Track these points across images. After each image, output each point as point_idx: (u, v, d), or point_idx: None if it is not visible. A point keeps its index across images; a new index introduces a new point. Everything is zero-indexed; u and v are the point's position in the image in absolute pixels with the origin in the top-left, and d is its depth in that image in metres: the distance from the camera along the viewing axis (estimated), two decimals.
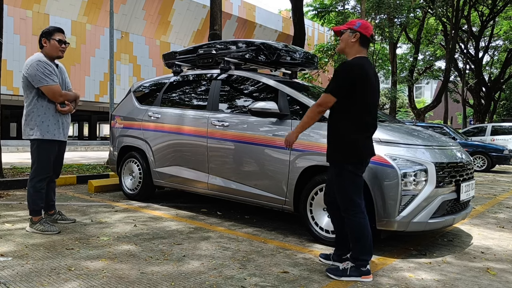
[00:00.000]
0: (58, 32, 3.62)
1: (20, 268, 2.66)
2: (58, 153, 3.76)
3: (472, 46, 24.73)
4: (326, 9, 20.56)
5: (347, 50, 2.76)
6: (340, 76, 2.65)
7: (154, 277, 2.57)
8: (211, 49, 4.78)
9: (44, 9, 19.64)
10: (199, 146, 4.43)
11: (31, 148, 3.60)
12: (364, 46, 2.75)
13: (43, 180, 3.61)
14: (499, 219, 4.82)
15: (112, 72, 9.41)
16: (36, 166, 3.58)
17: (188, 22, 24.82)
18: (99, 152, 18.11)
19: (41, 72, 3.45)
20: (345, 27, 2.77)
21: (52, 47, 3.58)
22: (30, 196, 3.58)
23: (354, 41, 2.72)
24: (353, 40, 2.71)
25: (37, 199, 3.59)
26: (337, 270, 2.72)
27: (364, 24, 2.72)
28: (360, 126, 2.68)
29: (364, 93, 2.66)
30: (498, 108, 29.35)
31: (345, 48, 2.77)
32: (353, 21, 2.76)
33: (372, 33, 2.77)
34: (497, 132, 14.67)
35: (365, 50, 2.76)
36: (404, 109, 41.35)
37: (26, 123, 3.56)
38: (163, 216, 4.39)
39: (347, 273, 2.66)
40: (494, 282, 2.70)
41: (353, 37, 2.71)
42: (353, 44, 2.72)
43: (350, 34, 2.72)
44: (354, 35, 2.71)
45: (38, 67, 3.46)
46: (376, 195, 3.15)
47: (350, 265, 2.69)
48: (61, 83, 3.67)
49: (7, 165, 7.13)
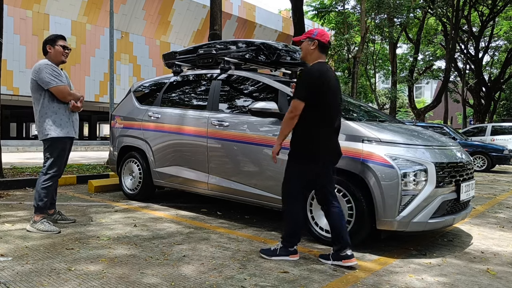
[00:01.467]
0: (61, 39, 3.82)
1: (20, 268, 2.66)
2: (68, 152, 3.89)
3: (472, 46, 24.73)
4: (326, 9, 20.56)
5: (308, 57, 3.00)
6: (303, 82, 2.86)
7: (154, 277, 2.57)
8: (211, 49, 4.78)
9: (44, 9, 19.64)
10: (199, 146, 4.43)
11: (46, 147, 3.73)
12: (322, 52, 2.99)
13: (55, 177, 3.75)
14: (499, 219, 4.82)
15: (112, 72, 9.41)
16: (51, 164, 3.72)
17: (188, 22, 24.82)
18: (99, 152, 18.11)
19: (49, 74, 3.62)
20: (304, 37, 3.00)
21: (57, 52, 3.75)
22: (39, 193, 3.67)
23: (313, 49, 2.96)
24: (313, 48, 2.96)
25: (45, 196, 3.68)
26: (268, 250, 3.04)
27: (320, 32, 2.96)
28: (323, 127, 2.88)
29: (326, 96, 2.86)
30: (498, 108, 29.34)
31: (306, 55, 3.01)
32: (311, 30, 3.01)
33: (330, 40, 3.01)
34: (497, 132, 14.67)
35: (324, 55, 3.00)
36: (404, 109, 41.34)
37: (41, 125, 3.69)
38: (163, 216, 4.39)
39: (277, 253, 2.99)
40: (494, 282, 2.70)
41: (312, 45, 2.96)
42: (313, 51, 2.97)
43: (309, 42, 2.96)
44: (312, 43, 2.95)
45: (46, 69, 3.64)
46: (376, 195, 3.15)
47: (280, 245, 3.01)
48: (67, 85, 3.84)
49: (7, 165, 7.13)
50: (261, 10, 28.17)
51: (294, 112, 2.87)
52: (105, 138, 36.39)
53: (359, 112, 4.40)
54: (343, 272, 2.78)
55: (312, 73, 2.87)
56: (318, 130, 2.88)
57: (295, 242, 3.04)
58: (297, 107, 2.85)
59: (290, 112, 2.88)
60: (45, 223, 3.59)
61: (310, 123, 2.88)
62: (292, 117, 2.88)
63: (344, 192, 3.31)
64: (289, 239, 3.02)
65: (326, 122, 2.90)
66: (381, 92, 35.93)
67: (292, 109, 2.87)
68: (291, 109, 2.87)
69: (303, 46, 3.00)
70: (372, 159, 3.19)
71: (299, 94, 2.85)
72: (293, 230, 3.03)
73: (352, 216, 3.26)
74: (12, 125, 31.39)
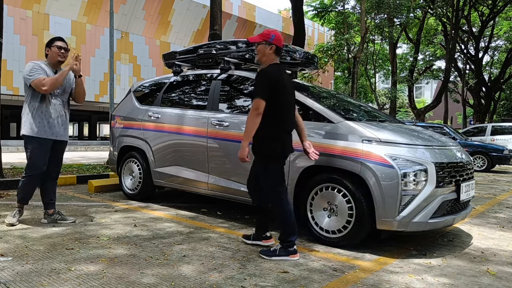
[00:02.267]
0: (58, 40, 3.86)
1: (20, 268, 2.66)
2: (53, 153, 3.87)
3: (472, 46, 24.73)
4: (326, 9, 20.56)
5: (264, 59, 3.14)
6: (262, 82, 3.01)
7: (154, 277, 2.57)
8: (211, 49, 4.77)
9: (44, 9, 19.64)
10: (199, 146, 4.43)
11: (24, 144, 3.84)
12: (277, 55, 3.17)
13: (30, 177, 3.80)
14: (499, 219, 4.82)
15: (112, 72, 9.41)
16: (27, 162, 3.81)
17: (188, 22, 24.81)
18: (99, 152, 18.11)
19: (28, 71, 3.68)
20: (260, 39, 3.12)
21: (52, 53, 3.81)
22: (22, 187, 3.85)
23: (270, 52, 3.11)
24: (270, 51, 3.11)
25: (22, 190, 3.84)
26: (269, 251, 3.07)
27: (277, 36, 3.12)
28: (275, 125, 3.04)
29: (279, 95, 3.03)
30: (498, 108, 29.35)
31: (262, 57, 3.14)
32: (267, 33, 3.12)
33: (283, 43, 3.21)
34: (497, 132, 14.67)
35: (278, 58, 3.18)
36: (404, 109, 41.35)
37: (22, 121, 3.81)
38: (163, 216, 4.39)
39: (276, 253, 3.02)
40: (494, 282, 2.70)
41: (269, 48, 3.10)
42: (270, 54, 3.12)
43: (267, 46, 3.10)
44: (270, 47, 3.10)
45: (29, 67, 3.71)
46: (376, 195, 3.15)
47: (279, 246, 3.06)
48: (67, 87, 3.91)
49: (7, 165, 7.13)
50: (261, 10, 28.16)
51: (258, 110, 2.97)
52: (105, 138, 36.38)
53: (359, 112, 4.39)
54: (343, 272, 2.78)
55: (270, 74, 3.04)
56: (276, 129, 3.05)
57: (293, 241, 3.06)
58: (260, 105, 2.97)
59: (255, 109, 2.97)
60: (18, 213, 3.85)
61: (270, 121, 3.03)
62: (257, 115, 2.98)
63: (344, 192, 3.30)
64: (287, 238, 3.06)
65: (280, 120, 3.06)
66: (381, 92, 35.94)
67: (256, 107, 2.97)
68: (255, 107, 2.97)
69: (260, 49, 3.13)
70: (372, 159, 3.19)
71: (260, 93, 2.98)
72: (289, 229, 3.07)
73: (352, 216, 3.26)
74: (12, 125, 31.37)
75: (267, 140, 3.05)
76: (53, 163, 3.91)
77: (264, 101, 2.97)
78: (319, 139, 3.50)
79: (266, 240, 3.35)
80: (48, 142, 3.79)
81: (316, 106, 3.70)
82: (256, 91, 3.01)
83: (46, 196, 3.96)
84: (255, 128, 3.01)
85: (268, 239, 3.36)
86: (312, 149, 3.30)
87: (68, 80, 3.92)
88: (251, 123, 3.00)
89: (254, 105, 2.99)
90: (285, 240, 3.05)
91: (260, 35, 3.15)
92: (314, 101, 3.78)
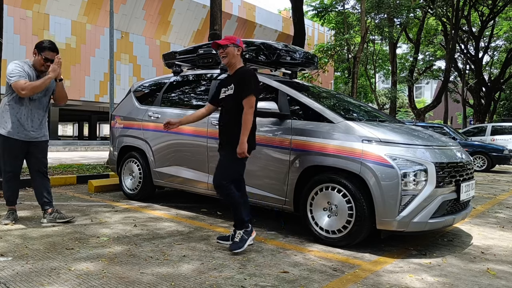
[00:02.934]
0: (48, 51, 3.73)
1: (20, 268, 2.66)
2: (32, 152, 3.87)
3: (472, 46, 24.73)
4: (326, 9, 20.57)
5: (233, 60, 3.31)
6: (251, 80, 3.19)
7: (154, 277, 2.57)
8: (211, 49, 4.77)
9: (44, 9, 19.63)
10: (199, 146, 4.43)
11: None
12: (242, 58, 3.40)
13: (6, 172, 3.84)
14: (499, 219, 4.82)
15: (112, 72, 9.41)
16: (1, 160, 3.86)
17: (188, 22, 24.81)
18: (99, 152, 18.10)
19: (10, 72, 3.65)
20: (228, 42, 3.27)
21: (38, 61, 3.75)
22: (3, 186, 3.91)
23: (238, 54, 3.30)
24: (238, 53, 3.30)
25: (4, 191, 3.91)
26: (235, 244, 3.16)
27: (241, 40, 3.34)
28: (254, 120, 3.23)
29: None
30: (498, 108, 29.34)
31: (231, 60, 3.30)
32: (233, 37, 3.31)
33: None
34: (497, 132, 14.67)
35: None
36: (404, 109, 41.36)
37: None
38: (163, 216, 4.39)
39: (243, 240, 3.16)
40: (494, 282, 2.70)
41: (237, 50, 3.29)
42: (238, 56, 3.31)
43: (235, 48, 3.28)
44: (238, 49, 3.29)
45: (10, 68, 3.68)
46: (376, 195, 3.15)
47: (241, 233, 3.20)
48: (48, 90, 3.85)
49: None
50: (261, 10, 28.15)
51: (253, 107, 3.16)
52: (105, 138, 36.36)
53: (359, 112, 4.40)
54: (343, 272, 2.78)
55: (253, 73, 3.27)
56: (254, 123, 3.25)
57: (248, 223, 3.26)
58: (254, 101, 3.16)
59: (251, 107, 3.14)
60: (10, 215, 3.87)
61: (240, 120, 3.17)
62: (252, 113, 3.16)
63: (344, 192, 3.30)
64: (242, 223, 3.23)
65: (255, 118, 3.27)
66: (381, 92, 35.94)
67: (251, 104, 3.14)
68: (251, 105, 3.14)
69: (230, 51, 3.27)
70: (372, 159, 3.19)
71: (254, 90, 3.16)
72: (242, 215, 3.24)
73: (352, 216, 3.26)
74: None
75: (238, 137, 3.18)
76: (34, 162, 3.90)
77: (255, 98, 3.17)
78: (319, 139, 3.49)
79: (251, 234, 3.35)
80: (20, 143, 3.76)
81: (316, 106, 3.70)
82: (248, 89, 3.15)
83: (38, 196, 3.96)
84: (250, 125, 3.17)
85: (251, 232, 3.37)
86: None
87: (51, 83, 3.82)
88: (248, 121, 3.14)
89: (250, 102, 3.13)
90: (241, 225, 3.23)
91: (225, 39, 3.31)
92: (314, 101, 3.78)
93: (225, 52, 3.28)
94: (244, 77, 3.21)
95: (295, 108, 3.83)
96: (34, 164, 3.92)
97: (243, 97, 3.15)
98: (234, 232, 3.28)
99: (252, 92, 3.15)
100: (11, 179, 3.87)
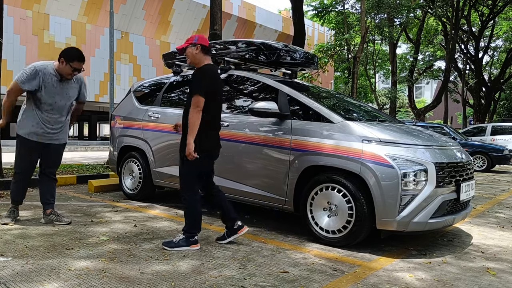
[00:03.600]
0: (78, 62, 3.68)
1: (20, 268, 2.66)
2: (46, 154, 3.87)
3: (472, 46, 24.73)
4: (326, 9, 20.57)
5: (195, 61, 3.25)
6: (199, 79, 3.14)
7: (154, 277, 2.57)
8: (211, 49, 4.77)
9: (44, 9, 19.63)
10: None
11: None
12: (207, 54, 3.27)
13: (17, 173, 3.86)
14: (499, 219, 4.83)
15: (112, 72, 9.41)
16: (15, 159, 3.87)
17: (188, 22, 24.81)
18: (99, 152, 18.10)
19: (22, 71, 3.66)
20: (186, 44, 3.25)
21: (66, 69, 3.67)
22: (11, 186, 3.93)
23: (197, 52, 3.21)
24: (197, 52, 3.21)
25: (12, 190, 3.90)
26: (171, 242, 3.17)
27: (201, 37, 3.26)
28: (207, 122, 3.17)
29: (214, 94, 3.19)
30: (498, 108, 29.34)
31: (193, 60, 3.25)
32: (191, 37, 3.27)
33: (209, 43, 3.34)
34: (497, 132, 14.67)
35: (209, 57, 3.29)
36: (404, 109, 41.36)
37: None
38: (163, 216, 4.39)
39: (179, 244, 3.14)
40: (494, 282, 2.70)
41: (195, 49, 3.21)
42: (197, 55, 3.22)
43: (193, 48, 3.22)
44: (196, 47, 3.21)
45: (26, 68, 3.64)
46: (376, 195, 3.15)
47: (181, 237, 3.18)
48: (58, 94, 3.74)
49: (7, 165, 7.12)
50: (261, 10, 28.15)
51: (199, 107, 3.08)
52: (105, 138, 36.37)
53: (359, 112, 4.40)
54: (343, 272, 2.78)
55: (206, 73, 3.18)
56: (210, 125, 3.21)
57: (196, 232, 3.24)
58: (200, 102, 3.08)
59: (196, 106, 3.07)
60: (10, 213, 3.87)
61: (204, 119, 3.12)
62: (198, 111, 3.08)
63: (344, 192, 3.30)
64: (190, 230, 3.22)
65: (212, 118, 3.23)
66: (381, 92, 35.94)
67: (196, 104, 3.07)
68: (196, 104, 3.07)
69: (188, 52, 3.24)
70: (372, 159, 3.19)
71: (199, 91, 3.09)
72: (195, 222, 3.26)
73: (352, 216, 3.25)
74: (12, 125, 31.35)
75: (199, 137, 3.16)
76: (46, 163, 3.91)
77: (203, 98, 3.08)
78: (319, 139, 3.49)
79: (241, 230, 3.37)
80: (36, 145, 3.77)
81: (316, 106, 3.70)
82: (194, 88, 3.12)
83: (42, 196, 3.96)
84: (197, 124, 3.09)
85: (241, 228, 3.37)
86: None
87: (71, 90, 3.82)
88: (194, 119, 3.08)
89: (194, 102, 3.07)
90: (188, 231, 3.21)
91: (185, 42, 3.29)
92: (314, 101, 3.78)
93: (185, 54, 3.29)
94: (194, 76, 3.19)
95: (295, 108, 3.83)
96: (46, 165, 3.92)
97: (190, 96, 3.15)
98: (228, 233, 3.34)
99: (197, 91, 3.08)
100: (21, 180, 3.87)
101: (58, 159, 4.01)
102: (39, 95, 3.67)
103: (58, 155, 3.97)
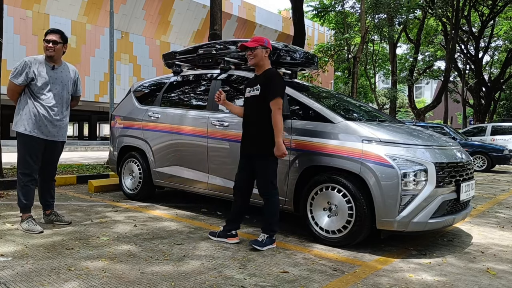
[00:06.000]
0: (50, 33, 3.66)
1: (20, 268, 2.66)
2: (47, 153, 3.75)
3: (472, 46, 24.72)
4: (326, 9, 20.56)
5: (262, 62, 3.34)
6: (279, 82, 3.24)
7: (154, 277, 2.57)
8: (211, 49, 4.77)
9: (44, 9, 19.63)
10: (199, 146, 4.43)
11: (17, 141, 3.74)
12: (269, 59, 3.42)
13: (24, 175, 3.63)
14: (499, 219, 4.83)
15: (112, 72, 9.41)
16: (18, 159, 3.69)
17: (188, 22, 24.81)
18: (99, 152, 18.10)
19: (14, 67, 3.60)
20: (256, 44, 3.30)
21: (44, 47, 3.65)
22: (18, 191, 3.66)
23: (266, 56, 3.33)
24: (265, 55, 3.33)
25: (22, 195, 3.63)
26: (258, 242, 3.23)
27: (268, 41, 3.38)
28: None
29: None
30: (498, 108, 29.34)
31: (259, 61, 3.33)
32: (261, 38, 3.34)
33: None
34: (497, 132, 14.67)
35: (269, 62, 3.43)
36: (404, 109, 41.35)
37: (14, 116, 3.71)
38: (163, 216, 4.39)
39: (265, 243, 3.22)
40: (494, 282, 2.70)
41: (265, 52, 3.32)
42: (266, 58, 3.34)
43: (263, 50, 3.31)
44: (266, 50, 3.32)
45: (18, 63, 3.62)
46: (376, 195, 3.15)
47: (266, 236, 3.27)
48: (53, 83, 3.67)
49: (7, 165, 7.13)
50: (261, 10, 28.15)
51: (281, 108, 3.21)
52: (105, 138, 36.37)
53: (359, 112, 4.39)
54: (343, 272, 2.78)
55: (281, 77, 3.33)
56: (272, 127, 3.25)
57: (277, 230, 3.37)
58: (281, 103, 3.21)
59: (280, 109, 3.19)
60: (30, 222, 3.59)
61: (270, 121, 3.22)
62: (281, 113, 3.20)
63: (344, 192, 3.30)
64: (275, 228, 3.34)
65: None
66: (381, 92, 35.92)
67: (280, 105, 3.19)
68: (279, 106, 3.18)
69: (258, 53, 3.30)
70: (372, 159, 3.19)
71: (281, 93, 3.21)
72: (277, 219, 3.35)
73: (352, 216, 3.26)
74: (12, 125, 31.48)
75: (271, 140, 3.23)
76: (46, 163, 3.79)
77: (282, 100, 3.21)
78: (319, 139, 3.49)
79: (232, 238, 3.43)
80: (39, 141, 3.63)
81: (316, 106, 3.70)
82: (275, 91, 3.19)
83: (41, 197, 3.91)
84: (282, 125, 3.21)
85: (233, 237, 3.44)
86: None
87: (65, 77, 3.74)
88: (280, 122, 3.18)
89: (277, 104, 3.17)
90: (272, 230, 3.31)
91: (254, 41, 3.32)
92: (314, 101, 3.78)
93: (253, 54, 3.30)
94: (272, 79, 3.23)
95: (295, 108, 3.83)
96: (47, 165, 3.79)
97: (271, 99, 3.18)
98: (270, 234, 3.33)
99: (280, 94, 3.20)
100: (28, 183, 3.62)
101: (57, 159, 3.95)
102: (34, 86, 3.58)
103: (59, 154, 3.92)
